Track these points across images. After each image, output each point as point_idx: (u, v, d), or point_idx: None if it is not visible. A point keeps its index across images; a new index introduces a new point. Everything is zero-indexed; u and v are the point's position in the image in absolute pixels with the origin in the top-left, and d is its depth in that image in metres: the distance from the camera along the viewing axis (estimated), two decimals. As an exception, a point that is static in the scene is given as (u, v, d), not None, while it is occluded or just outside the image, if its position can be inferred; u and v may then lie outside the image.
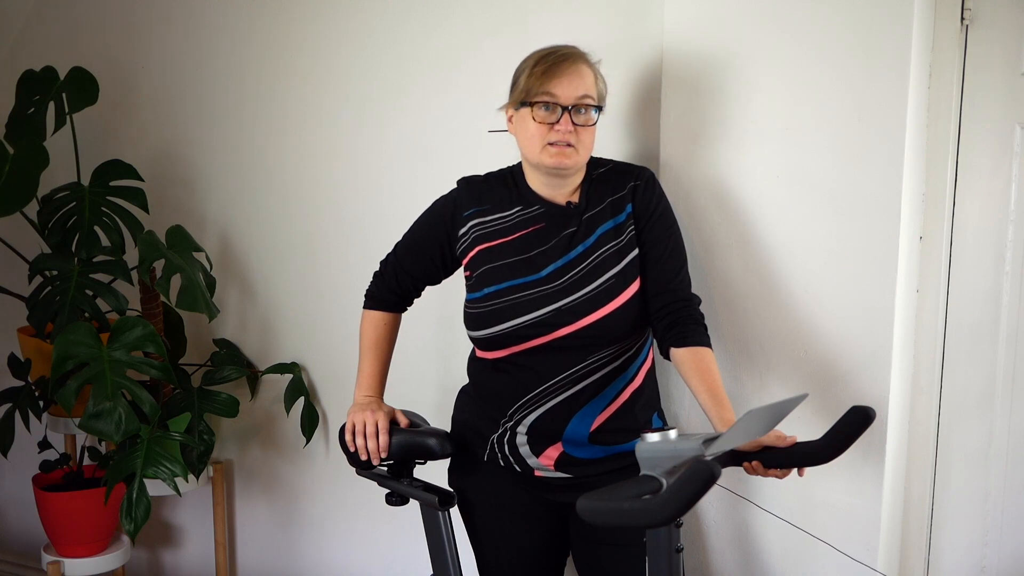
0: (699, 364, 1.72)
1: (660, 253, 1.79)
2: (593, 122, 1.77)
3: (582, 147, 1.77)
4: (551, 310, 1.76)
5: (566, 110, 1.74)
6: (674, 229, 1.84)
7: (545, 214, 1.83)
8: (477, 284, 1.84)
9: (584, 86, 1.75)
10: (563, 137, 1.74)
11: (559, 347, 1.76)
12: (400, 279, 1.98)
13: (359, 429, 1.86)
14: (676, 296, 1.79)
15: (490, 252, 1.83)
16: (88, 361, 2.34)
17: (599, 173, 1.85)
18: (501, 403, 1.83)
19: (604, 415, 1.79)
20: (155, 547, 3.07)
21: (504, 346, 1.80)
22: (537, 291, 1.77)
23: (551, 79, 1.74)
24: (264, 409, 2.79)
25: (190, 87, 2.77)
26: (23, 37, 3.05)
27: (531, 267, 1.80)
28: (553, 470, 1.81)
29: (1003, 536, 1.89)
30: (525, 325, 1.76)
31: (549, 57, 1.77)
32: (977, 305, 1.87)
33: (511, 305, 1.78)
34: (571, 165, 1.78)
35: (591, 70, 1.79)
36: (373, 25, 2.45)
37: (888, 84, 1.77)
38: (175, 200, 2.81)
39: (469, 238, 1.86)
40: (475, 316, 1.82)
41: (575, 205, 1.83)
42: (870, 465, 1.86)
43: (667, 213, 1.84)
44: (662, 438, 1.44)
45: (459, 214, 1.89)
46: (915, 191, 1.85)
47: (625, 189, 1.82)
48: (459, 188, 1.92)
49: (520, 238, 1.82)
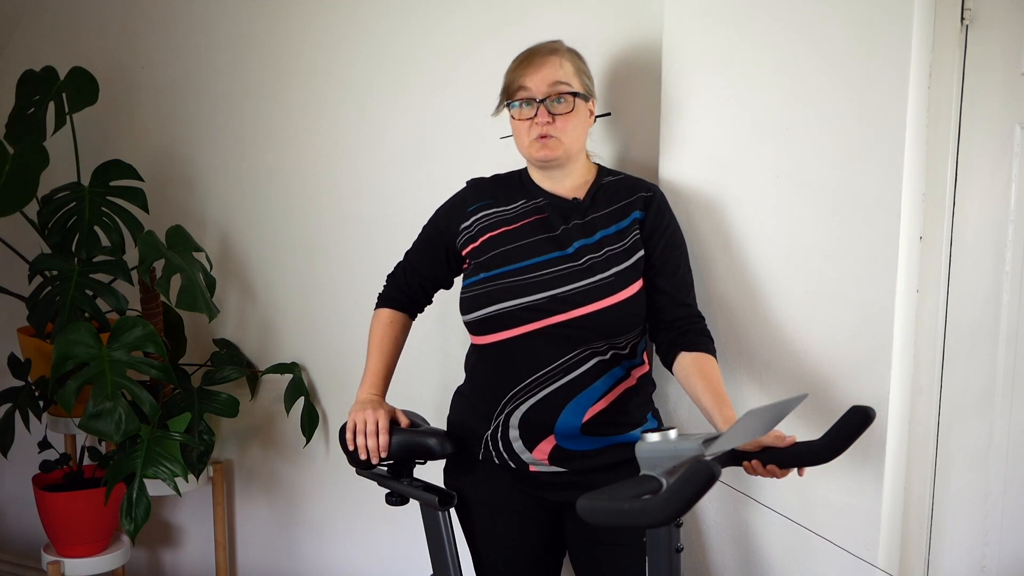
0: (703, 366, 1.75)
1: (675, 269, 1.84)
2: (570, 109, 1.79)
3: (566, 136, 1.80)
4: (545, 296, 1.77)
5: (541, 102, 1.78)
6: (685, 247, 1.88)
7: (548, 205, 1.86)
8: (474, 269, 1.86)
9: (555, 75, 1.79)
10: (542, 129, 1.79)
11: (551, 335, 1.77)
12: (409, 278, 2.01)
13: (359, 428, 1.86)
14: (691, 311, 1.84)
15: (492, 240, 1.86)
16: (88, 361, 2.34)
17: (609, 180, 1.89)
18: (493, 393, 1.83)
19: (596, 408, 1.80)
20: (155, 547, 3.07)
21: (496, 329, 1.80)
22: (533, 276, 1.79)
23: (523, 74, 1.80)
24: (264, 409, 2.79)
25: (190, 87, 2.77)
26: (23, 37, 3.06)
27: (530, 253, 1.82)
28: (547, 464, 1.82)
29: (1003, 536, 1.89)
30: (519, 308, 1.78)
31: (522, 54, 1.84)
32: (977, 305, 1.87)
33: (506, 288, 1.79)
34: (557, 156, 1.81)
35: (566, 59, 1.82)
36: (373, 25, 2.45)
37: (888, 84, 1.77)
38: (175, 200, 2.82)
39: (473, 229, 1.89)
40: (469, 298, 1.83)
41: (579, 201, 1.85)
42: (870, 465, 1.86)
43: (679, 231, 1.88)
44: (662, 438, 1.45)
45: (464, 210, 1.92)
46: (915, 191, 1.85)
47: (633, 197, 1.86)
48: (466, 188, 1.96)
49: (522, 226, 1.85)
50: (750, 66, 1.89)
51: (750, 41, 1.89)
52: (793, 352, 1.91)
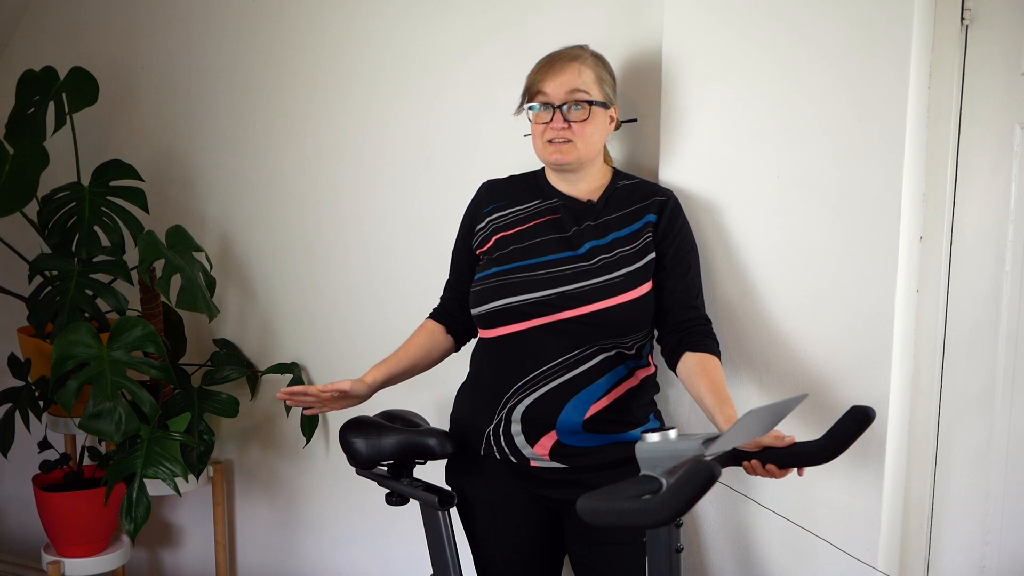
0: (707, 366, 1.76)
1: (685, 271, 1.85)
2: (586, 117, 1.81)
3: (581, 142, 1.82)
4: (555, 292, 1.78)
5: (559, 108, 1.80)
6: (696, 252, 1.90)
7: (562, 206, 1.88)
8: (487, 264, 1.87)
9: (574, 82, 1.81)
10: (557, 134, 1.81)
11: (557, 330, 1.78)
12: (448, 291, 2.04)
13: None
14: (698, 313, 1.86)
15: (504, 239, 1.88)
16: (88, 361, 2.34)
17: (624, 184, 1.91)
18: (498, 387, 1.84)
19: (598, 405, 1.80)
20: (155, 547, 3.07)
21: (504, 322, 1.82)
22: (544, 272, 1.81)
23: (543, 79, 1.83)
24: (264, 409, 2.79)
25: (190, 87, 2.77)
26: (23, 37, 3.06)
27: (542, 250, 1.84)
28: (548, 459, 1.82)
29: (1003, 536, 1.89)
30: (527, 303, 1.79)
31: (546, 58, 1.86)
32: (977, 305, 1.87)
33: (516, 282, 1.81)
34: (570, 160, 1.83)
35: (587, 67, 1.83)
36: (373, 25, 2.45)
37: (888, 84, 1.77)
38: (175, 200, 2.82)
39: (487, 230, 1.91)
40: (479, 292, 1.85)
41: (593, 203, 1.87)
42: (870, 465, 1.86)
43: (691, 236, 1.89)
44: (662, 438, 1.45)
45: (479, 212, 1.94)
46: (915, 191, 1.85)
47: (647, 200, 1.87)
48: (481, 190, 1.99)
49: (535, 225, 1.87)
50: (750, 66, 1.89)
51: (750, 41, 1.89)
52: (793, 352, 1.91)
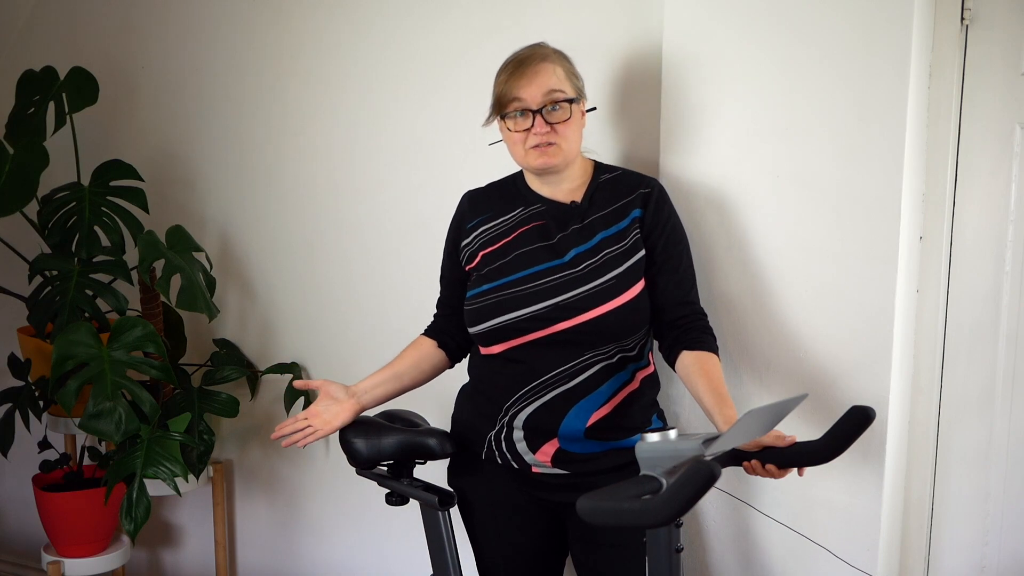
0: (705, 365, 1.75)
1: (676, 265, 1.83)
2: (568, 117, 1.78)
3: (565, 142, 1.79)
4: (548, 305, 1.77)
5: (538, 112, 1.76)
6: (686, 242, 1.87)
7: (546, 212, 1.85)
8: (477, 281, 1.85)
9: (549, 83, 1.76)
10: (541, 139, 1.77)
11: (556, 342, 1.77)
12: (440, 308, 2.01)
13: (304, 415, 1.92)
14: (693, 309, 1.84)
15: (493, 254, 1.85)
16: (88, 361, 2.34)
17: (606, 178, 1.87)
18: (498, 398, 1.83)
19: (600, 412, 1.79)
20: (155, 547, 3.07)
21: (502, 340, 1.80)
22: (534, 286, 1.79)
23: (515, 85, 1.77)
24: (264, 409, 2.79)
25: (190, 87, 2.77)
26: (23, 37, 3.05)
27: (529, 262, 1.81)
28: (550, 466, 1.82)
29: (1003, 536, 1.89)
30: (523, 319, 1.77)
31: (511, 64, 1.80)
32: (977, 305, 1.87)
33: (509, 299, 1.79)
34: (558, 163, 1.80)
35: (557, 65, 1.79)
36: (372, 25, 2.45)
37: (888, 84, 1.77)
38: (175, 200, 2.82)
39: (474, 246, 1.88)
40: (475, 311, 1.83)
41: (577, 204, 1.84)
42: (870, 465, 1.85)
43: (679, 226, 1.86)
44: (662, 438, 1.45)
45: (464, 227, 1.92)
46: (915, 191, 1.85)
47: (633, 195, 1.84)
48: (462, 204, 1.96)
49: (521, 235, 1.84)
50: (750, 66, 1.89)
51: (750, 42, 1.89)
52: (793, 351, 1.91)
